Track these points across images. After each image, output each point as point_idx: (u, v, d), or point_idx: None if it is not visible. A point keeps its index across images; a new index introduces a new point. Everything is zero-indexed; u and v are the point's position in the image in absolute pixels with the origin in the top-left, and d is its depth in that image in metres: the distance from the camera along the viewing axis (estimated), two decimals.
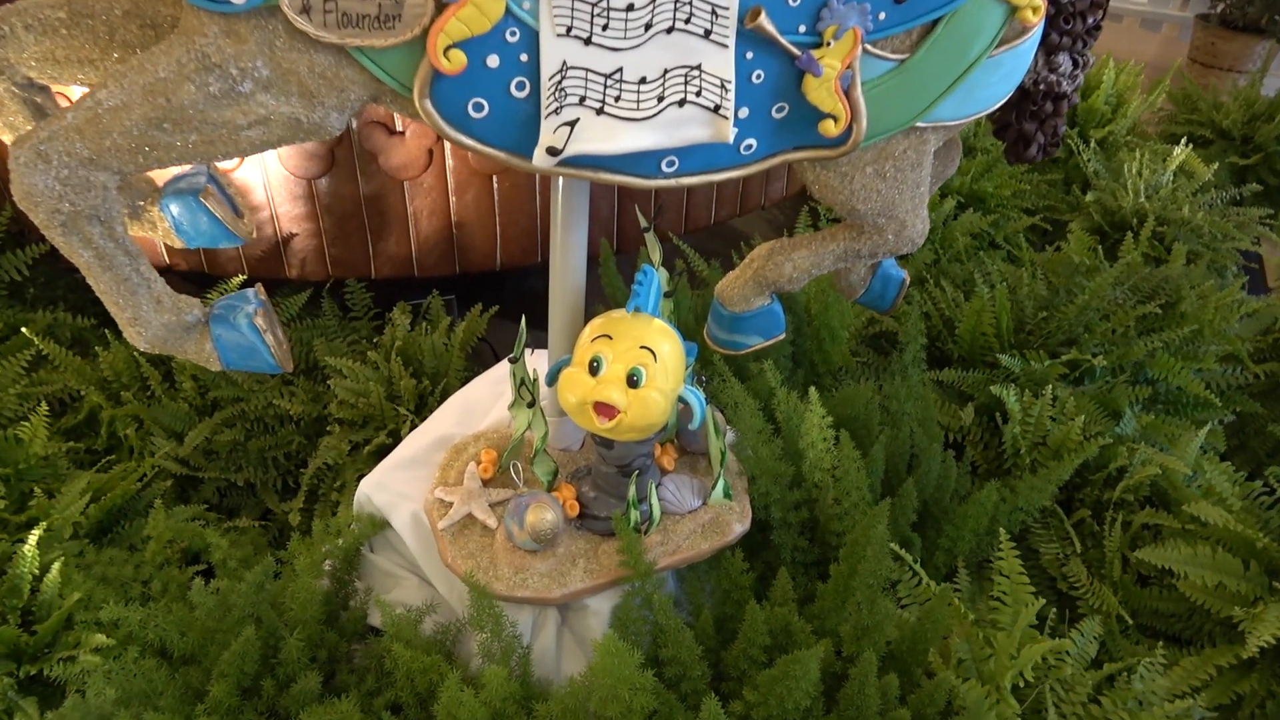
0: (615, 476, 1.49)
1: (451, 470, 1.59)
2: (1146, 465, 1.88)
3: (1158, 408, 2.17)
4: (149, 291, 1.20)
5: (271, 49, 1.04)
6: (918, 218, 1.46)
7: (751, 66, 1.19)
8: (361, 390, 2.07)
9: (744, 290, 1.51)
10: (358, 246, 2.29)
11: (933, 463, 1.77)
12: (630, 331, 1.36)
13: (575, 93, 1.13)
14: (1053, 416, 1.96)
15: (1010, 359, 2.07)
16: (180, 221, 1.34)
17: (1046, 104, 1.49)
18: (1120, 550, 1.85)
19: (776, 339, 1.56)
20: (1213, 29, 4.89)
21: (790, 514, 1.65)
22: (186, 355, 1.26)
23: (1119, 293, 2.34)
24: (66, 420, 2.14)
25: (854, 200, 1.39)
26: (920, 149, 1.38)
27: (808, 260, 1.49)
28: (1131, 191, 3.06)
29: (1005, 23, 1.28)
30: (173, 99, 1.04)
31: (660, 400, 1.34)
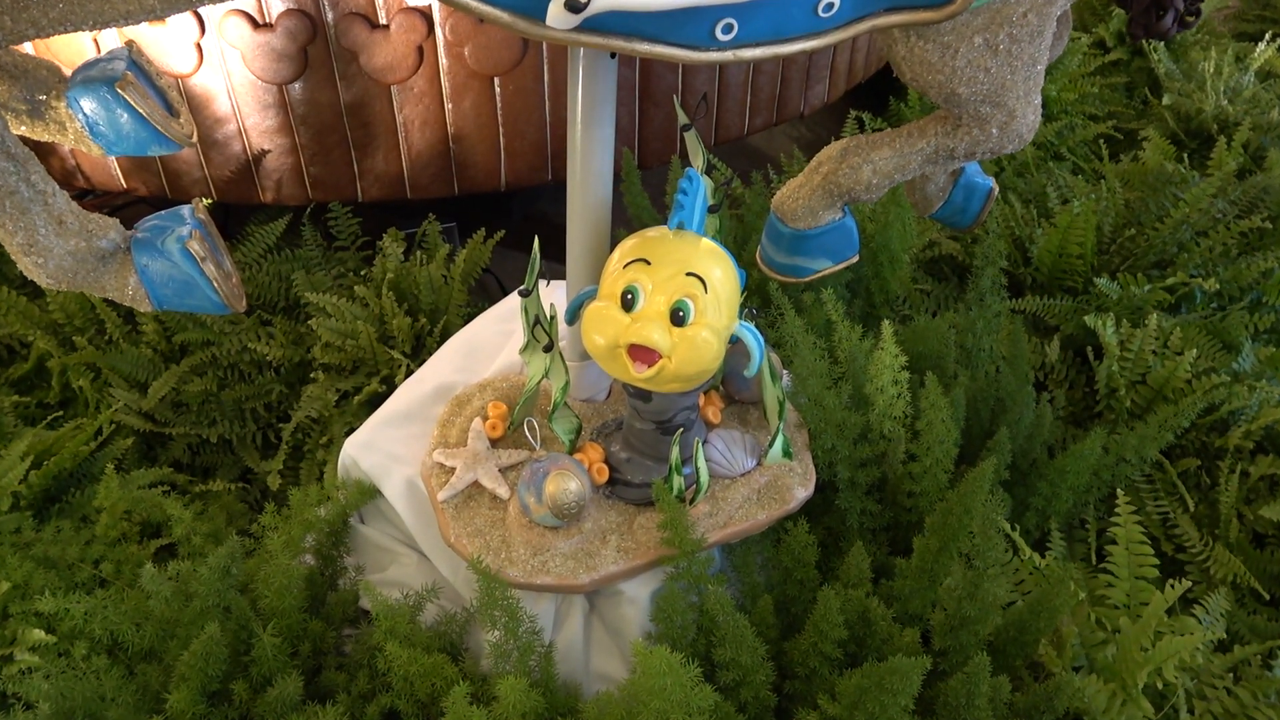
0: (653, 434, 1.21)
1: (453, 428, 1.31)
2: (1268, 408, 1.60)
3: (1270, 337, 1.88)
4: (45, 209, 0.92)
5: None
6: (1030, 106, 1.16)
7: None
8: (349, 331, 1.79)
9: (810, 201, 1.21)
10: (340, 164, 1.98)
11: (1024, 409, 1.49)
12: (673, 254, 1.07)
13: None
14: (1155, 351, 1.67)
15: (1107, 284, 1.77)
16: (95, 120, 1.04)
17: None
18: (1236, 506, 1.58)
19: (849, 261, 1.27)
20: None
21: (858, 473, 1.38)
22: (105, 293, 0.98)
23: (1217, 206, 2.03)
24: (14, 370, 1.87)
25: (955, 81, 1.08)
26: (1044, 12, 1.07)
27: (891, 162, 1.19)
28: (1211, 93, 2.72)
29: None
30: None
31: (712, 341, 1.05)
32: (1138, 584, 1.32)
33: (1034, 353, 1.79)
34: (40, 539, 1.41)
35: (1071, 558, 1.55)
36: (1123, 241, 2.03)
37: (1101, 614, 1.30)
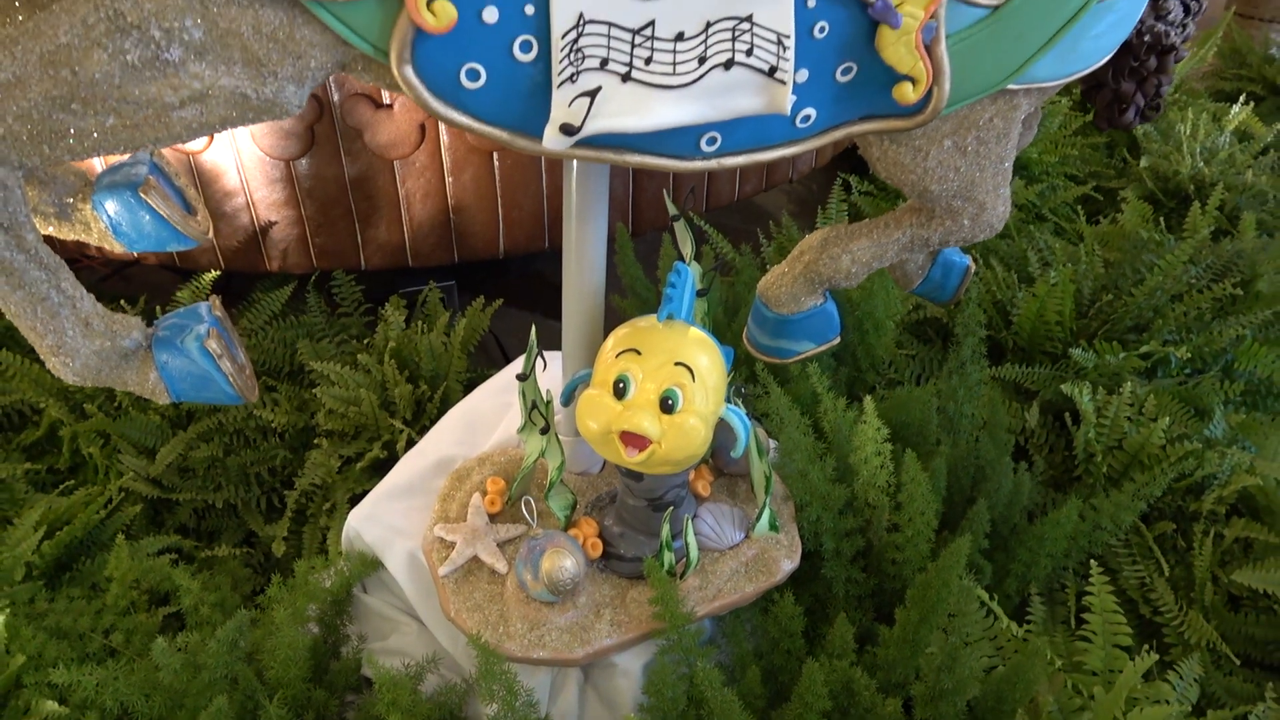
0: (645, 511, 1.27)
1: (453, 502, 1.37)
2: (1239, 474, 1.65)
3: (1240, 401, 1.94)
4: (74, 312, 0.97)
5: (204, 3, 0.80)
6: (999, 199, 1.23)
7: (814, 16, 0.95)
8: (351, 398, 1.85)
9: (793, 288, 1.28)
10: (344, 234, 2.05)
11: (1003, 477, 1.54)
12: (663, 344, 1.13)
13: (595, 54, 0.90)
14: (1130, 417, 1.73)
15: (1082, 352, 1.84)
16: (118, 222, 1.11)
17: (1150, 59, 1.25)
18: (1211, 569, 1.63)
19: (831, 344, 1.33)
20: None
21: (843, 542, 1.43)
22: (126, 387, 1.04)
23: (1191, 273, 2.10)
24: (25, 436, 1.92)
25: (927, 180, 1.15)
26: (1009, 117, 1.14)
27: (869, 251, 1.26)
28: (1188, 155, 2.81)
29: None
30: (80, 71, 0.81)
31: (700, 427, 1.11)
32: (1113, 651, 1.37)
33: (1015, 417, 1.85)
34: (53, 609, 1.46)
35: (1053, 621, 1.59)
36: (1101, 306, 2.10)
37: (1079, 681, 1.34)
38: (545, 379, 1.31)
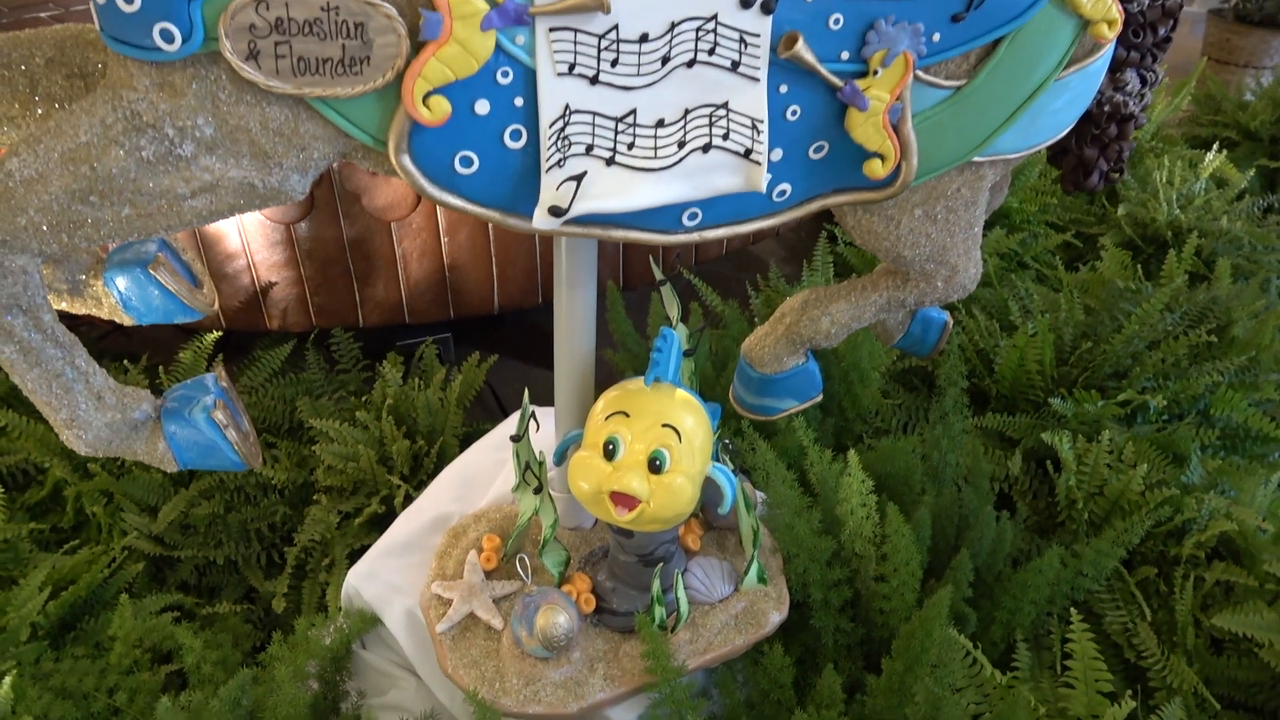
0: (636, 566, 1.31)
1: (450, 559, 1.40)
2: (1217, 519, 1.70)
3: (1218, 445, 1.99)
4: (87, 387, 1.02)
5: (215, 102, 0.86)
6: (970, 261, 1.29)
7: (786, 101, 1.01)
8: (350, 454, 1.89)
9: (775, 349, 1.33)
10: (343, 294, 2.11)
11: (985, 527, 1.58)
12: (650, 407, 1.18)
13: (581, 141, 0.95)
14: (1109, 465, 1.78)
15: (1061, 402, 1.89)
16: (128, 297, 1.16)
17: (1111, 126, 1.32)
18: (1193, 613, 1.67)
19: (813, 401, 1.38)
20: (1227, 24, 4.73)
21: (831, 593, 1.47)
22: (136, 456, 1.08)
23: (1167, 320, 2.16)
24: (30, 496, 1.96)
25: (900, 246, 1.21)
26: (975, 186, 1.20)
27: (847, 313, 1.31)
28: (1164, 203, 2.89)
29: (1075, 40, 1.10)
30: (98, 167, 0.87)
31: (687, 486, 1.16)
32: (1095, 697, 1.40)
33: (998, 465, 1.89)
34: (58, 669, 1.49)
35: (1039, 667, 1.63)
36: (1081, 353, 2.15)
37: None
38: (539, 437, 1.36)
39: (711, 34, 0.94)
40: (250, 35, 0.82)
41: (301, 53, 0.84)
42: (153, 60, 0.83)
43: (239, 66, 0.83)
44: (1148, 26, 1.24)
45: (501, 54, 0.89)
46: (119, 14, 0.82)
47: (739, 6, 0.93)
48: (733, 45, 0.95)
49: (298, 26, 0.82)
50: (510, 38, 0.88)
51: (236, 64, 0.82)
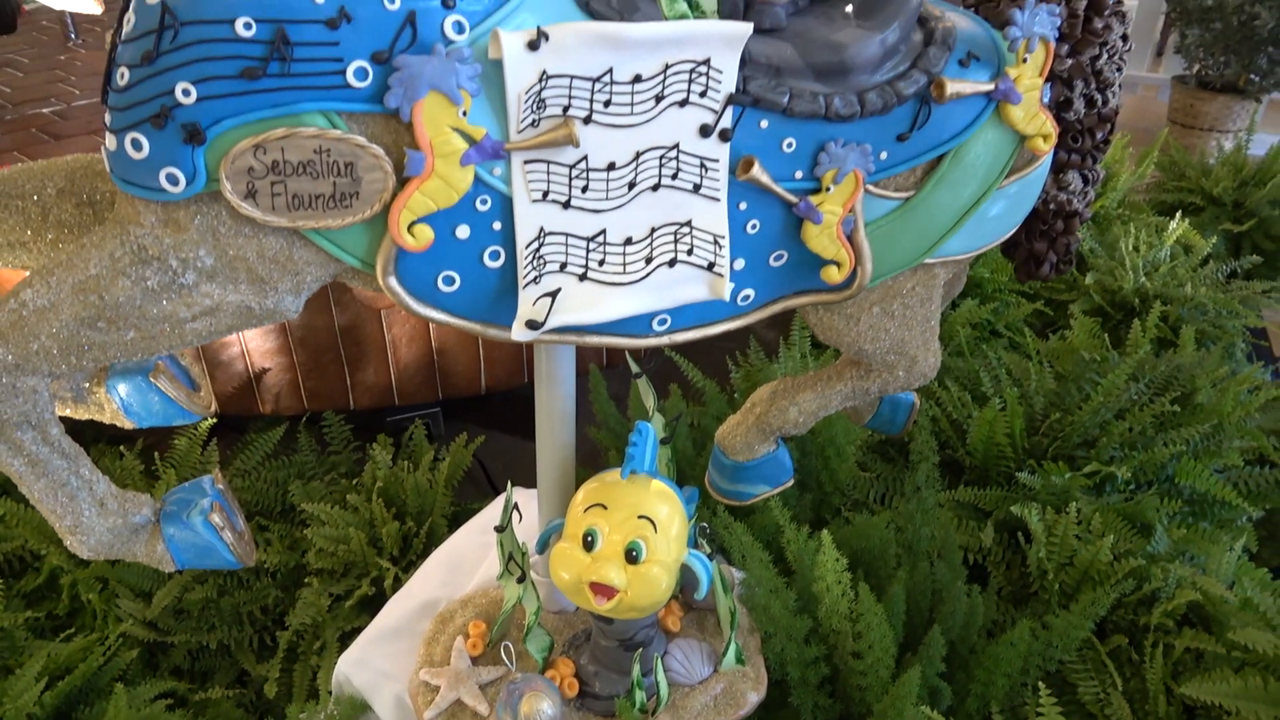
0: (617, 651, 1.35)
1: (437, 645, 1.45)
2: (1183, 588, 1.75)
3: (1185, 511, 2.05)
4: (91, 495, 1.08)
5: (215, 236, 0.93)
6: (929, 352, 1.36)
7: (746, 217, 1.09)
8: (341, 537, 1.94)
9: (747, 438, 1.39)
10: (334, 378, 2.18)
11: (957, 602, 1.63)
12: (626, 499, 1.24)
13: (555, 259, 1.03)
14: (1078, 535, 1.84)
15: (1028, 476, 1.95)
16: (129, 404, 1.22)
17: (1058, 223, 1.40)
18: (1164, 681, 1.71)
19: (785, 486, 1.44)
20: (1190, 90, 4.90)
21: (809, 670, 1.52)
22: (136, 558, 1.13)
23: (1133, 390, 2.24)
24: (25, 583, 1.99)
25: (861, 341, 1.28)
26: (929, 284, 1.28)
27: (814, 403, 1.38)
28: (1131, 270, 2.99)
29: (1015, 152, 1.19)
30: (106, 296, 0.94)
31: (663, 576, 1.21)
32: None
33: (971, 536, 1.95)
34: None
35: None
36: (1051, 423, 2.22)
37: None
38: (522, 525, 1.41)
39: (674, 160, 1.02)
40: (249, 177, 0.89)
41: (296, 190, 0.91)
42: (158, 200, 0.91)
43: (238, 205, 0.90)
44: (1086, 132, 1.33)
45: (480, 184, 0.96)
46: (128, 160, 0.89)
47: (699, 135, 1.02)
48: (694, 170, 1.04)
49: (292, 168, 0.90)
50: (488, 170, 0.96)
51: (236, 202, 0.90)
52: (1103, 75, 1.27)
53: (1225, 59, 4.61)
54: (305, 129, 0.88)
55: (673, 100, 0.99)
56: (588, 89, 0.95)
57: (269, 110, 0.87)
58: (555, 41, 0.91)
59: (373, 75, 0.88)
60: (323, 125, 0.89)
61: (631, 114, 0.98)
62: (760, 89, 1.02)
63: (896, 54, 1.09)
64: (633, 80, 0.97)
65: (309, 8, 0.85)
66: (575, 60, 0.93)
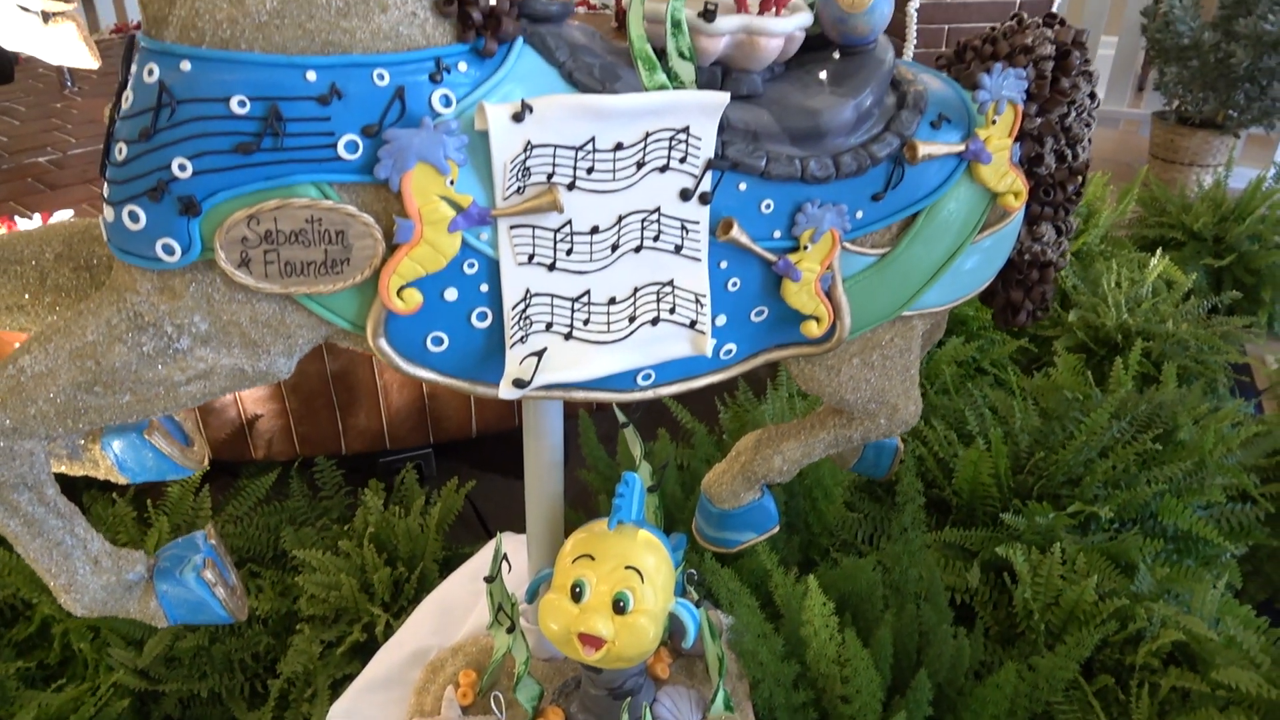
0: (606, 700, 1.37)
1: (428, 695, 1.46)
2: (1167, 627, 1.77)
3: (1169, 549, 2.07)
4: (85, 553, 1.09)
5: (210, 302, 0.96)
6: (910, 400, 1.39)
7: (727, 275, 1.13)
8: (332, 583, 1.95)
9: (732, 486, 1.42)
10: (326, 423, 2.20)
11: (944, 645, 1.65)
12: (613, 550, 1.26)
13: (541, 319, 1.06)
14: (1063, 575, 1.86)
15: (1013, 517, 1.98)
16: (124, 460, 1.24)
17: (1033, 272, 1.44)
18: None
19: (770, 533, 1.47)
20: (1171, 126, 4.97)
21: (797, 715, 1.53)
22: (129, 615, 1.15)
23: (1116, 428, 2.27)
24: (17, 632, 1.99)
25: (842, 391, 1.31)
26: (908, 335, 1.31)
27: (798, 451, 1.41)
28: (1113, 307, 3.03)
29: (987, 209, 1.23)
30: (103, 361, 0.96)
31: (649, 626, 1.23)
32: None
33: (958, 576, 1.96)
34: None
35: None
36: (1036, 461, 2.25)
37: None
38: (513, 571, 1.43)
39: (656, 223, 1.06)
40: (243, 246, 0.92)
41: (288, 258, 0.94)
42: (155, 268, 0.93)
43: (232, 273, 0.93)
44: (1057, 186, 1.37)
45: (467, 248, 0.99)
46: (126, 231, 0.92)
47: (679, 199, 1.05)
48: (675, 232, 1.07)
49: (285, 237, 0.93)
50: (475, 235, 0.99)
51: (230, 271, 0.93)
52: (1072, 131, 1.31)
53: (1203, 95, 4.69)
54: (297, 200, 0.91)
55: (653, 166, 1.03)
56: (571, 157, 0.99)
57: (262, 183, 0.90)
58: (539, 113, 0.95)
59: (363, 148, 0.92)
60: (315, 196, 0.92)
61: (614, 180, 1.02)
62: (738, 153, 1.06)
63: (870, 117, 1.13)
64: (614, 148, 1.00)
65: (301, 85, 0.89)
66: (558, 130, 0.97)
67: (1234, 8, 4.48)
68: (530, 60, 1.00)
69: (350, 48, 0.90)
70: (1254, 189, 3.80)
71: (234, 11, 0.87)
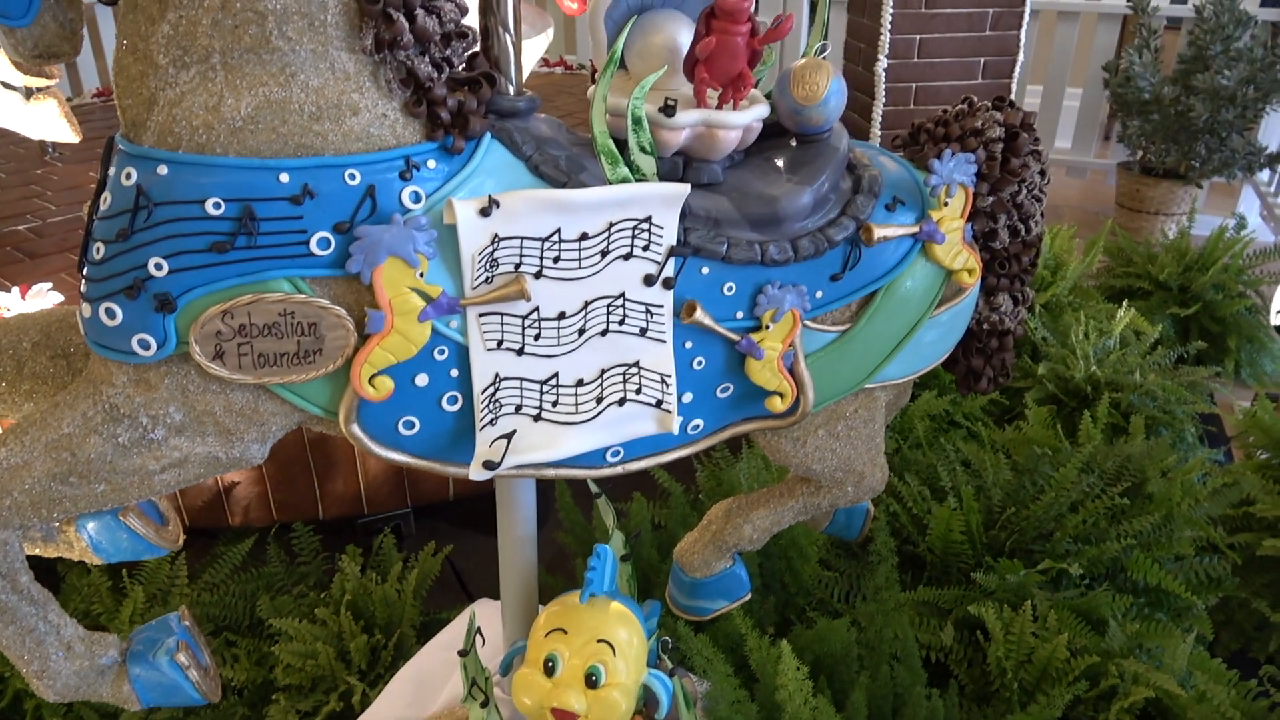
0: None
1: None
2: (1139, 684, 1.79)
3: (1140, 603, 2.10)
4: (58, 639, 1.10)
5: (184, 393, 0.98)
6: (876, 467, 1.42)
7: (692, 354, 1.16)
8: (309, 652, 1.94)
9: (704, 555, 1.44)
10: (304, 489, 2.20)
11: (918, 706, 1.67)
12: (586, 623, 1.27)
13: (510, 402, 1.09)
14: (1035, 633, 1.88)
15: (985, 575, 2.00)
16: (98, 541, 1.25)
17: (992, 340, 1.48)
18: None
19: (742, 600, 1.48)
20: (1135, 176, 5.10)
21: None
22: (101, 699, 1.15)
23: (1085, 482, 2.30)
24: None
25: (809, 461, 1.34)
26: (871, 406, 1.35)
27: (767, 519, 1.43)
28: (1082, 359, 3.08)
29: (943, 285, 1.27)
30: (78, 453, 0.98)
31: (622, 700, 1.24)
32: None
33: (933, 635, 1.98)
34: None
35: None
36: (1008, 517, 2.28)
37: None
38: (488, 638, 1.44)
39: (621, 308, 1.09)
40: (217, 340, 0.95)
41: (262, 350, 0.97)
42: (130, 362, 0.96)
43: (207, 366, 0.95)
44: (1013, 258, 1.42)
45: (438, 335, 1.02)
46: (102, 326, 0.95)
47: (643, 284, 1.09)
48: (640, 315, 1.10)
49: (258, 330, 0.96)
50: (445, 323, 1.02)
51: (205, 363, 0.95)
52: (1024, 208, 1.36)
53: (1165, 147, 4.82)
54: (271, 294, 0.94)
55: (618, 254, 1.06)
56: (537, 248, 1.02)
57: (236, 279, 0.93)
58: (506, 208, 0.98)
59: (335, 244, 0.95)
60: (288, 290, 0.95)
61: (579, 268, 1.05)
62: (700, 239, 1.10)
63: (827, 202, 1.17)
64: (580, 238, 1.04)
65: (274, 186, 0.92)
66: (525, 223, 1.01)
67: (1191, 63, 4.63)
68: (498, 154, 1.04)
69: (322, 149, 0.94)
70: (1216, 239, 3.89)
71: (210, 118, 0.91)
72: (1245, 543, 2.36)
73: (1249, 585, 2.31)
